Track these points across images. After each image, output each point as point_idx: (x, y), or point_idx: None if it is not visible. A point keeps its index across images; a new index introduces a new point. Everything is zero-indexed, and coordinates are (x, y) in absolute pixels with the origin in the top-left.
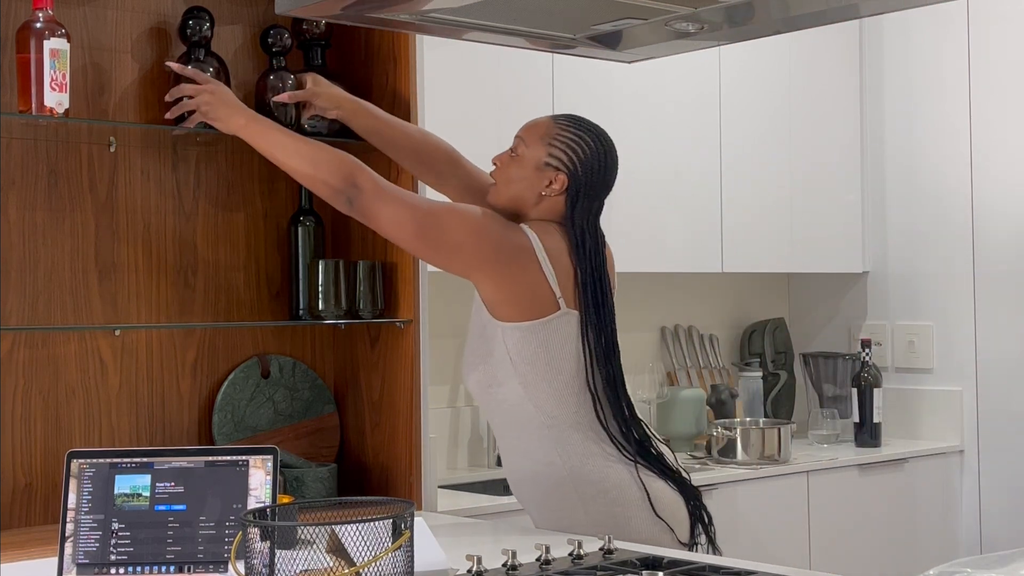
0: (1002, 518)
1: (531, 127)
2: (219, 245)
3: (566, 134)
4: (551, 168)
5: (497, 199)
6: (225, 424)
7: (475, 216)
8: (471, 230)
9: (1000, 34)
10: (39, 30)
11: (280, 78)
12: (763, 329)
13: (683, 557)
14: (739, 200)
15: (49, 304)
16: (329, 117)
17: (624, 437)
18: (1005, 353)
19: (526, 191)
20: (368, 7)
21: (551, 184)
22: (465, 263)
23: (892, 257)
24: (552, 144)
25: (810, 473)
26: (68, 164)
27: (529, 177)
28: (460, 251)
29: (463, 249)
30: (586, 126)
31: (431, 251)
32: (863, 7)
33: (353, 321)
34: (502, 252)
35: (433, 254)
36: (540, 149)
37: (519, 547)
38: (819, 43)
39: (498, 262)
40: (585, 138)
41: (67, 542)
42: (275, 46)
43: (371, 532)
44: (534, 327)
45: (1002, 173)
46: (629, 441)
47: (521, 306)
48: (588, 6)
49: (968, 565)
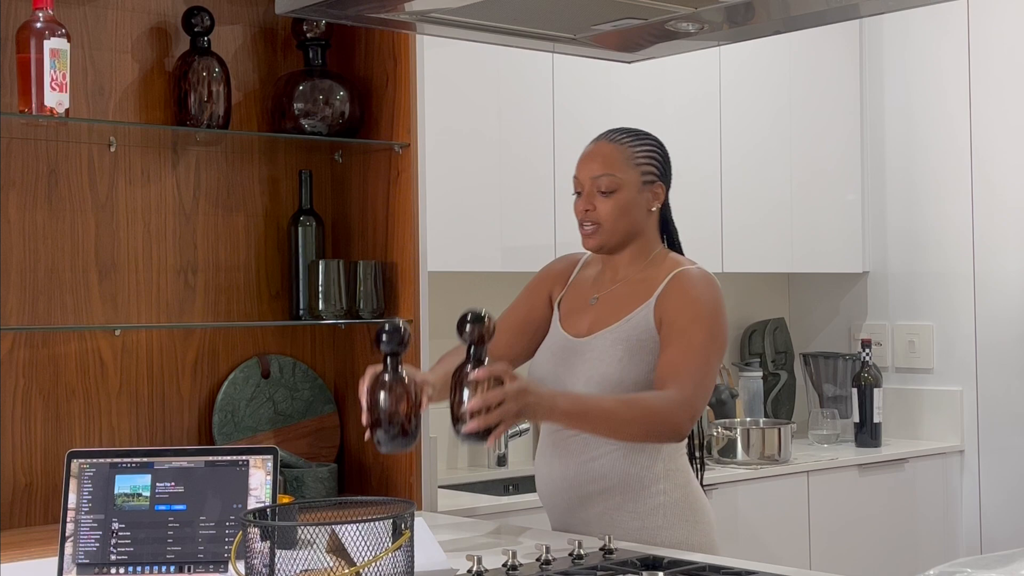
0: (1002, 518)
1: (605, 159)
2: (219, 245)
3: (640, 147)
4: (649, 184)
5: (611, 236)
6: (225, 424)
7: (724, 332)
8: (723, 340)
9: (1000, 34)
10: (39, 30)
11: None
12: (763, 329)
13: (683, 557)
14: (739, 200)
15: (49, 304)
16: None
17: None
18: (1005, 353)
19: (638, 214)
20: (368, 7)
21: (656, 197)
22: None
23: (892, 257)
24: (638, 163)
25: (810, 473)
26: (68, 164)
27: (637, 200)
28: (721, 355)
29: (721, 351)
30: (638, 131)
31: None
32: (863, 7)
33: (353, 321)
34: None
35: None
36: (633, 172)
37: (519, 547)
38: (819, 43)
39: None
40: (647, 139)
41: (67, 542)
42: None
43: (371, 532)
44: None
45: (1002, 173)
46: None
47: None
48: (588, 6)
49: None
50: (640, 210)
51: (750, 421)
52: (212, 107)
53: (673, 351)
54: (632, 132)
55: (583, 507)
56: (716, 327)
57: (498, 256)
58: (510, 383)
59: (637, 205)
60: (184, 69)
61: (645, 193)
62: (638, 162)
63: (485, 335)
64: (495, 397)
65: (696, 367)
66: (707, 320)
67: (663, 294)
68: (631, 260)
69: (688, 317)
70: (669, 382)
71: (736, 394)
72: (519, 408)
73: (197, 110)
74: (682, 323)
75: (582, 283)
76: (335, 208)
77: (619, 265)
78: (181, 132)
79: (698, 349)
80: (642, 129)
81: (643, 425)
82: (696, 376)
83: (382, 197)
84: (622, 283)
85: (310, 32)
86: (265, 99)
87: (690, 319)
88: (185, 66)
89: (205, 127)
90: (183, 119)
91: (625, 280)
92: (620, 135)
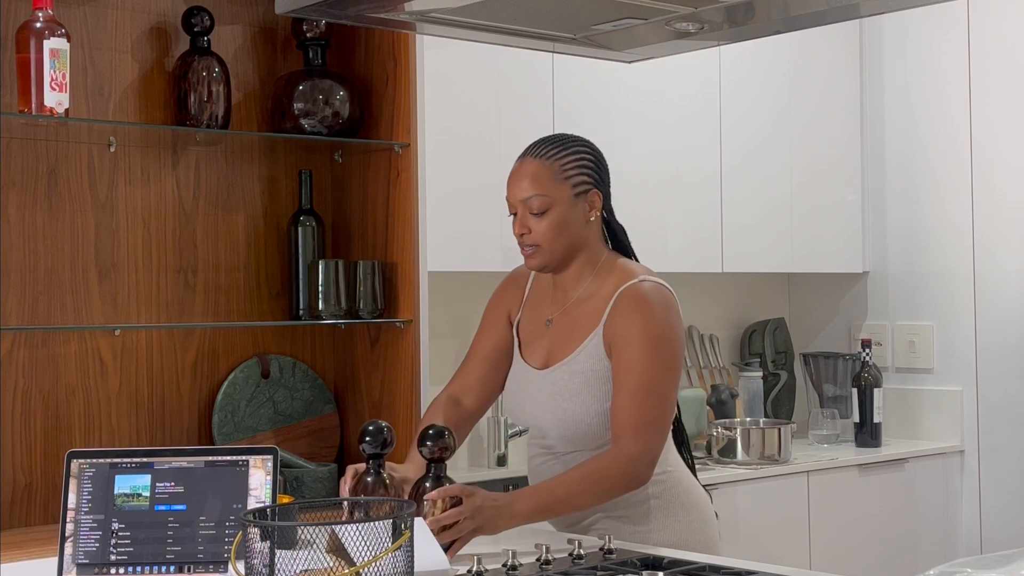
0: (1002, 518)
1: (533, 178)
2: (219, 245)
3: (567, 158)
4: (583, 195)
5: (552, 256)
6: (225, 424)
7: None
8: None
9: (1000, 34)
10: (39, 30)
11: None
12: (763, 329)
13: (683, 557)
14: (739, 200)
15: (49, 304)
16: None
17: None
18: (1005, 353)
19: (576, 228)
20: (368, 7)
21: (592, 207)
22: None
23: (892, 257)
24: (567, 175)
25: (810, 473)
26: (68, 164)
27: (572, 215)
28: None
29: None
30: (568, 139)
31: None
32: (863, 7)
33: (353, 321)
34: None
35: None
36: (562, 187)
37: (519, 547)
38: (819, 43)
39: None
40: (575, 147)
41: (67, 542)
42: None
43: (371, 532)
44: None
45: (1002, 173)
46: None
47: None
48: (588, 6)
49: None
50: (577, 224)
51: (750, 421)
52: (212, 107)
53: (625, 395)
54: (558, 141)
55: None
56: (668, 354)
57: (498, 256)
58: (467, 501)
59: (573, 220)
60: (184, 69)
61: (580, 205)
62: (568, 175)
63: (445, 453)
64: (450, 517)
65: (650, 408)
66: (657, 348)
67: (610, 318)
68: (578, 275)
69: (636, 347)
70: (624, 435)
71: (736, 394)
72: (476, 525)
73: (197, 110)
74: (630, 357)
75: (536, 300)
76: (335, 208)
77: (567, 283)
78: (181, 132)
79: (650, 388)
80: (569, 134)
81: (606, 494)
82: (652, 419)
83: (382, 197)
84: (573, 303)
85: (310, 32)
86: (265, 99)
87: (638, 350)
88: (185, 66)
89: (205, 127)
90: (183, 119)
91: (576, 299)
92: (545, 147)
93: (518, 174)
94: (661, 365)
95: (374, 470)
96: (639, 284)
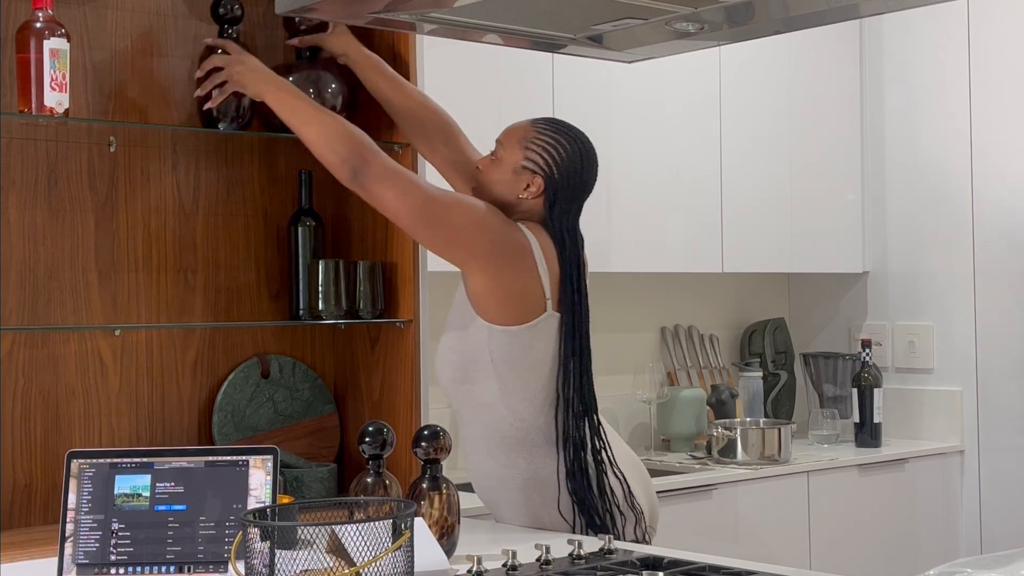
0: (1002, 518)
1: (509, 131)
2: (219, 245)
3: (543, 137)
4: (528, 171)
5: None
6: (225, 424)
7: (479, 208)
8: (474, 220)
9: (1000, 34)
10: (39, 30)
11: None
12: (763, 329)
13: (683, 557)
14: (739, 200)
15: (49, 304)
16: (339, 63)
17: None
18: (1005, 353)
19: (506, 194)
20: (368, 7)
21: (528, 187)
22: (464, 252)
23: (892, 257)
24: (529, 147)
25: (810, 473)
26: (68, 164)
27: (508, 180)
28: (460, 239)
29: (463, 237)
30: (563, 128)
31: (431, 236)
32: (863, 7)
33: (353, 321)
34: (502, 247)
35: (432, 239)
36: (517, 152)
37: (519, 547)
38: (819, 43)
39: (497, 256)
40: (562, 140)
41: (67, 542)
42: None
43: (371, 532)
44: (521, 331)
45: (1002, 173)
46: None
47: (510, 305)
48: (588, 6)
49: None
50: (507, 191)
51: (750, 421)
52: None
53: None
54: (556, 125)
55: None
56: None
57: None
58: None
59: (505, 184)
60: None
61: (517, 178)
62: (527, 146)
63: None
64: (220, 61)
65: (426, 183)
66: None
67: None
68: None
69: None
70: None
71: (736, 394)
72: (235, 74)
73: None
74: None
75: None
76: (335, 208)
77: None
78: (181, 132)
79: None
80: (576, 131)
81: (325, 130)
82: (414, 176)
83: None
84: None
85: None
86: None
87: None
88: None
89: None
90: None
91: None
92: (544, 122)
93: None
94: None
95: (374, 470)
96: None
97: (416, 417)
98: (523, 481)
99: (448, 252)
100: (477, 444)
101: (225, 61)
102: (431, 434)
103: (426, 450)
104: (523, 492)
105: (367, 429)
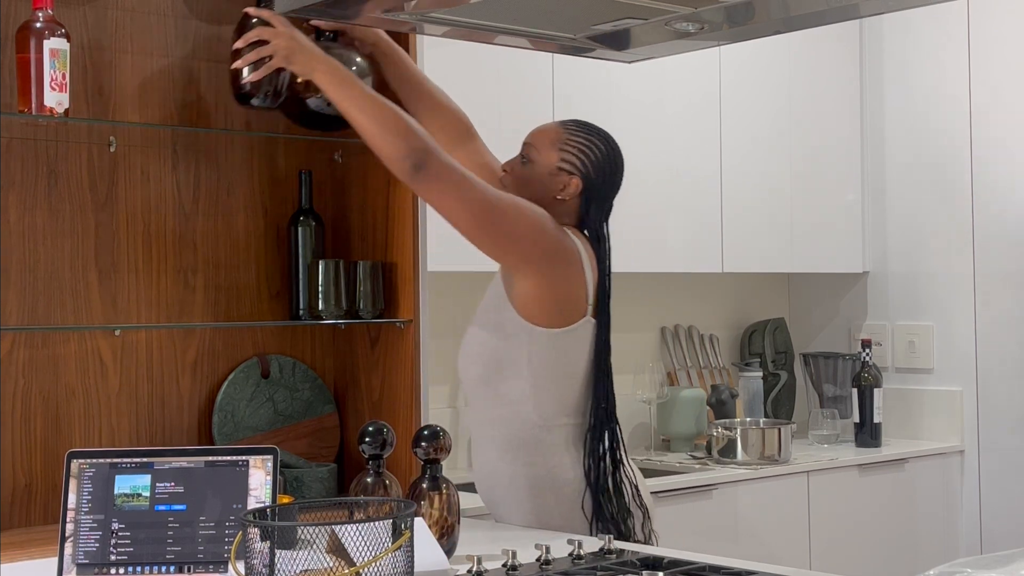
0: (1002, 518)
1: (540, 133)
2: (219, 245)
3: (576, 138)
4: (564, 172)
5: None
6: (225, 424)
7: (538, 213)
8: (532, 225)
9: (1000, 34)
10: (39, 30)
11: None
12: (763, 329)
13: (683, 557)
14: (739, 200)
15: (49, 304)
16: (364, 52)
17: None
18: (1005, 353)
19: (541, 196)
20: (368, 7)
21: (565, 188)
22: (519, 257)
23: (892, 257)
24: (564, 149)
25: (810, 473)
26: (68, 164)
27: (543, 181)
28: (518, 244)
29: (521, 243)
30: (594, 130)
31: (487, 239)
32: (863, 7)
33: (353, 321)
34: (556, 254)
35: (489, 242)
36: (552, 154)
37: (519, 547)
38: (819, 43)
39: (550, 262)
40: (595, 141)
41: (67, 542)
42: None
43: (371, 532)
44: (562, 335)
45: (1002, 172)
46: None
47: (556, 310)
48: (588, 6)
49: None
50: (543, 192)
51: (750, 421)
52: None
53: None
54: (587, 127)
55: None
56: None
57: None
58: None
59: (540, 185)
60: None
61: (553, 179)
62: (562, 148)
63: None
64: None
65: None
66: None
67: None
68: None
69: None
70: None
71: (736, 394)
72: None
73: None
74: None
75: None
76: (335, 208)
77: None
78: (181, 132)
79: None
80: (606, 133)
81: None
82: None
83: (382, 197)
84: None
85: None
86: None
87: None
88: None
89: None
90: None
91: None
92: (574, 124)
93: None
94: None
95: (374, 470)
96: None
97: (416, 417)
98: (537, 481)
99: (503, 256)
100: (489, 442)
101: (272, 34)
102: (431, 434)
103: (426, 450)
104: (534, 492)
105: (367, 429)
